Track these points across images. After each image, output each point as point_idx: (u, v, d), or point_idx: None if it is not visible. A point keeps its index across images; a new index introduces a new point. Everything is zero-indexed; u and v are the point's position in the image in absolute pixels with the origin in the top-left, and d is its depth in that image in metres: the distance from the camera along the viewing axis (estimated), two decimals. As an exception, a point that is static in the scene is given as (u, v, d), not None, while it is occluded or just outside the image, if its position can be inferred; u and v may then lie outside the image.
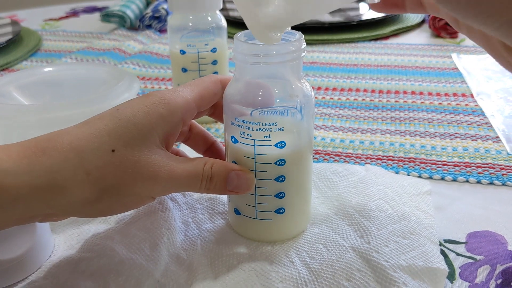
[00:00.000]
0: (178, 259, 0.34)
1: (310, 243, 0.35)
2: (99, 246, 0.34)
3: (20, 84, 0.45)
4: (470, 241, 0.37)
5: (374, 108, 0.61)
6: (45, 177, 0.27)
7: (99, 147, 0.29)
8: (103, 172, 0.28)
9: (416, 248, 0.34)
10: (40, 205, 0.27)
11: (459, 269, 0.34)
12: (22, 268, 0.33)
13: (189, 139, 0.39)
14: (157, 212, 0.37)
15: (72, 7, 1.21)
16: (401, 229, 0.36)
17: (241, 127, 0.33)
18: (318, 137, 0.54)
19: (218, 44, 0.54)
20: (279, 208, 0.35)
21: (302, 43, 0.32)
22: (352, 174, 0.43)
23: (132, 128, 0.30)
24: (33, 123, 0.38)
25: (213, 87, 0.35)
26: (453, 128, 0.55)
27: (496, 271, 0.34)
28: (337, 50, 0.84)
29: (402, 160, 0.48)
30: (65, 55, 0.83)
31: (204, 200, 0.41)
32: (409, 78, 0.70)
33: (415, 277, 0.32)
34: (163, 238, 0.35)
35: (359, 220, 0.37)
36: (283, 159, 0.33)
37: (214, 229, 0.37)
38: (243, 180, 0.33)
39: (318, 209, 0.39)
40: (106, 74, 0.47)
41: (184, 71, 0.55)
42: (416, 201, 0.40)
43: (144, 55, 0.81)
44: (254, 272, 0.33)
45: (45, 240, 0.35)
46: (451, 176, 0.45)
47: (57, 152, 0.28)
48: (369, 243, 0.34)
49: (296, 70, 0.33)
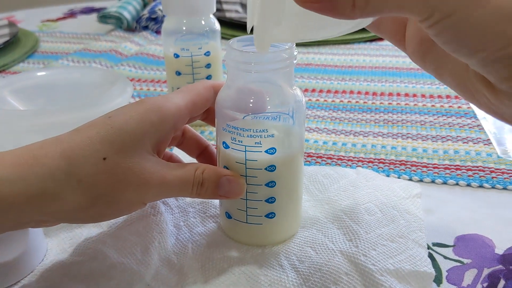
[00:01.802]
0: (169, 263, 0.35)
1: (300, 247, 0.36)
2: (91, 250, 0.35)
3: (14, 89, 0.46)
4: (458, 244, 0.38)
5: (367, 111, 0.61)
6: (37, 185, 0.27)
7: (91, 155, 0.29)
8: (95, 180, 0.29)
9: (404, 252, 0.34)
10: (33, 212, 0.28)
11: (446, 273, 0.35)
12: (15, 272, 0.33)
13: (182, 144, 0.40)
14: (149, 216, 0.37)
15: (70, 8, 1.22)
16: (389, 233, 0.36)
17: (232, 133, 0.33)
18: (311, 140, 0.54)
19: (211, 48, 0.55)
20: (270, 212, 0.35)
21: (293, 51, 0.33)
22: (343, 177, 0.44)
23: (124, 135, 0.30)
24: (27, 128, 0.39)
25: (206, 93, 0.35)
26: (445, 130, 0.55)
27: (482, 275, 0.35)
28: (332, 51, 0.85)
29: (393, 163, 0.49)
30: (62, 56, 0.84)
31: (196, 204, 0.41)
32: (403, 80, 0.71)
33: (401, 281, 0.32)
34: (154, 242, 0.35)
35: (348, 224, 0.37)
36: (273, 165, 0.34)
37: (206, 233, 0.38)
38: (234, 185, 0.33)
39: (308, 213, 0.40)
40: (99, 78, 0.48)
41: (178, 74, 0.55)
42: (406, 204, 0.41)
43: (140, 56, 0.81)
44: (244, 275, 0.33)
45: (38, 243, 0.35)
46: (442, 179, 0.46)
47: (49, 160, 0.28)
48: (357, 247, 0.34)
49: (287, 77, 0.33)
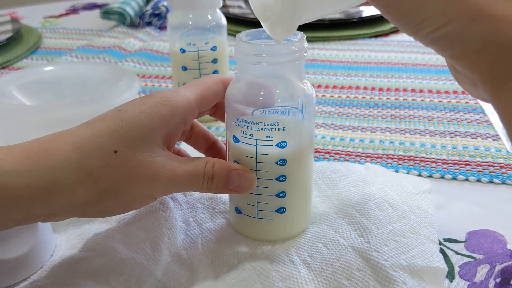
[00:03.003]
0: (179, 259, 0.34)
1: (310, 242, 0.35)
2: (100, 246, 0.35)
3: (20, 84, 0.46)
4: (469, 240, 0.37)
5: (374, 106, 0.61)
6: (47, 178, 0.27)
7: (101, 148, 0.29)
8: (105, 173, 0.28)
9: (416, 247, 0.34)
10: (43, 205, 0.28)
11: (459, 268, 0.35)
12: (24, 268, 0.33)
13: (190, 138, 0.39)
14: (158, 212, 0.37)
15: (72, 4, 1.21)
16: (401, 228, 0.36)
17: (243, 127, 0.33)
18: (318, 136, 0.54)
19: (218, 43, 0.54)
20: (280, 207, 0.35)
21: (304, 43, 0.32)
22: (352, 173, 0.43)
23: (134, 129, 0.30)
24: (34, 123, 0.38)
25: (215, 87, 0.35)
26: (453, 126, 0.55)
27: (495, 270, 0.34)
28: (337, 47, 0.84)
29: (402, 158, 0.49)
30: (65, 52, 0.83)
31: (205, 199, 0.41)
32: (409, 76, 0.70)
33: (414, 276, 0.32)
34: (164, 238, 0.35)
35: (359, 219, 0.37)
36: (284, 159, 0.33)
37: (215, 228, 0.37)
38: (244, 179, 0.33)
39: (318, 208, 0.39)
40: (105, 73, 0.47)
41: (184, 69, 0.55)
42: (416, 200, 0.40)
43: (144, 52, 0.81)
44: (255, 271, 0.33)
45: (47, 239, 0.35)
46: (451, 174, 0.46)
47: (59, 152, 0.28)
48: (369, 242, 0.34)
49: (297, 70, 0.33)
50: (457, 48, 0.24)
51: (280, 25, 0.30)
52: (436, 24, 0.23)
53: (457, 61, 0.24)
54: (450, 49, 0.24)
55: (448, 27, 0.23)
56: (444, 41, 0.24)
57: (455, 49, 0.24)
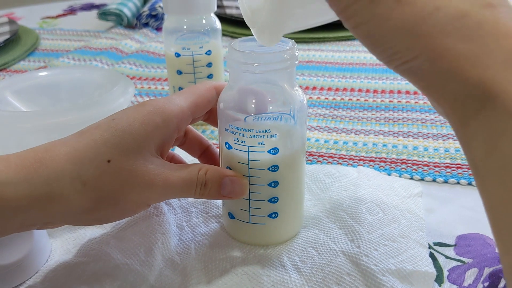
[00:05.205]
0: (173, 264, 0.35)
1: (302, 247, 0.36)
2: (95, 251, 0.35)
3: (16, 89, 0.46)
4: (459, 243, 0.38)
5: (368, 109, 0.61)
6: (42, 188, 0.28)
7: (96, 158, 0.29)
8: (100, 182, 0.29)
9: (405, 252, 0.35)
10: (39, 214, 0.28)
11: (448, 272, 0.35)
12: (20, 273, 0.34)
13: (184, 144, 0.40)
14: (152, 217, 0.38)
15: (70, 4, 1.21)
16: (391, 233, 0.36)
17: (235, 134, 0.33)
18: (312, 139, 0.54)
19: (212, 47, 0.55)
20: (273, 212, 0.35)
21: (295, 51, 0.33)
22: (344, 176, 0.44)
23: (128, 138, 0.30)
24: (30, 129, 0.39)
25: (208, 94, 0.36)
26: (446, 129, 0.55)
27: (483, 274, 0.35)
28: (333, 48, 0.84)
29: (395, 161, 0.49)
30: (63, 54, 0.83)
31: (199, 204, 0.41)
32: (403, 78, 0.70)
33: (403, 281, 0.32)
34: (157, 243, 0.36)
35: (350, 224, 0.37)
36: (276, 165, 0.34)
37: (208, 233, 0.38)
38: (237, 185, 0.34)
39: (310, 212, 0.40)
40: (101, 78, 0.48)
41: (179, 73, 0.55)
42: (407, 203, 0.41)
43: (140, 54, 0.81)
44: (247, 276, 0.33)
45: (43, 245, 0.35)
46: (443, 178, 0.46)
47: (54, 162, 0.28)
48: (359, 247, 0.35)
49: (289, 77, 0.34)
50: (424, 82, 0.25)
51: (267, 31, 0.31)
52: (404, 58, 0.24)
53: (426, 92, 0.25)
54: (418, 82, 0.25)
55: (415, 62, 0.24)
56: (413, 74, 0.25)
57: (422, 82, 0.25)
